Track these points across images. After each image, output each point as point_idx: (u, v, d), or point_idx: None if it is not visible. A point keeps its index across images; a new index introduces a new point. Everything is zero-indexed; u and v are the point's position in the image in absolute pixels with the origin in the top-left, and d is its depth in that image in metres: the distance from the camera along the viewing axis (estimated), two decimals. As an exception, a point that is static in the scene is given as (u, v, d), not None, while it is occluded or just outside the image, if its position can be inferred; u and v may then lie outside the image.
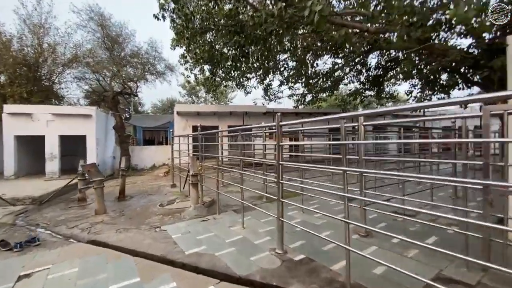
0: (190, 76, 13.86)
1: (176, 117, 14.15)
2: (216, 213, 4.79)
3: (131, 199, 6.90)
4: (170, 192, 7.36)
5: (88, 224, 4.71)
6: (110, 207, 5.93)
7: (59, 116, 11.36)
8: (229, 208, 5.22)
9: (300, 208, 4.78)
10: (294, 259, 2.87)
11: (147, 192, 7.75)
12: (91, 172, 5.16)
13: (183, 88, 34.41)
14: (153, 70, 16.06)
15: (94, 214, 5.27)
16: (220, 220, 4.46)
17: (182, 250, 3.23)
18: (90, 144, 11.85)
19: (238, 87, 14.49)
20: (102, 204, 5.32)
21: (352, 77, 13.89)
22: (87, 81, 17.01)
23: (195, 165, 4.98)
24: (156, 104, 37.16)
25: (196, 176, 4.93)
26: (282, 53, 11.49)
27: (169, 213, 4.95)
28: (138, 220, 4.82)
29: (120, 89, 14.92)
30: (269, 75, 13.23)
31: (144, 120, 22.36)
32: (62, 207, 6.36)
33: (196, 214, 4.73)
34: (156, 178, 11.20)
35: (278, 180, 2.93)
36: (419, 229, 3.60)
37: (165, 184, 8.96)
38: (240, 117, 15.00)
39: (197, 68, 13.06)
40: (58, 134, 11.43)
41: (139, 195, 7.29)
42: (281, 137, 2.89)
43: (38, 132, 11.19)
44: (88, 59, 14.84)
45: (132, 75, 14.82)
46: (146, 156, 15.28)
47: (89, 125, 11.82)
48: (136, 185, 9.28)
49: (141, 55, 15.34)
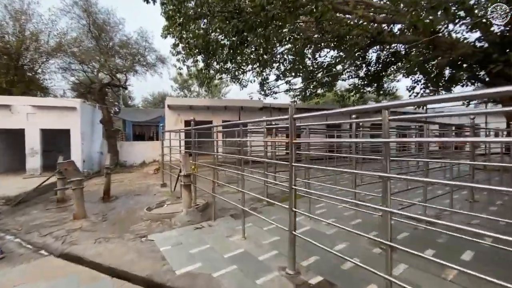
0: (182, 68, 13.15)
1: (167, 111, 13.42)
2: (211, 219, 4.24)
3: (116, 200, 6.28)
4: (160, 193, 6.75)
5: (64, 232, 4.09)
6: (92, 209, 5.30)
7: (40, 108, 10.52)
8: (226, 212, 4.67)
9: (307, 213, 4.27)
10: (310, 282, 2.35)
11: (134, 192, 7.12)
12: (68, 171, 4.52)
13: (175, 82, 33.44)
14: (143, 62, 15.23)
15: (73, 219, 4.64)
16: (216, 228, 3.91)
17: (172, 269, 2.67)
18: (74, 139, 11.06)
19: (233, 80, 13.85)
20: (82, 207, 4.69)
21: (351, 72, 13.44)
22: (73, 72, 16.04)
23: (187, 164, 4.40)
24: (147, 98, 36.04)
25: (189, 176, 4.36)
26: (281, 45, 10.88)
27: (158, 218, 4.37)
28: (122, 226, 4.23)
29: (108, 80, 14.07)
30: (266, 68, 12.63)
31: (134, 114, 21.44)
32: (40, 208, 5.69)
33: (188, 220, 4.17)
34: (145, 176, 10.53)
35: (290, 185, 2.39)
36: (449, 241, 3.14)
37: (155, 183, 8.33)
38: (235, 112, 14.38)
39: (190, 59, 12.36)
40: (39, 128, 10.60)
41: (126, 196, 6.66)
42: (295, 133, 2.34)
43: (17, 125, 10.34)
44: (73, 48, 13.93)
45: (120, 66, 13.95)
46: (135, 152, 14.54)
47: (74, 119, 11.02)
48: (123, 183, 8.61)
49: (131, 45, 14.49)
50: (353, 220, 4.03)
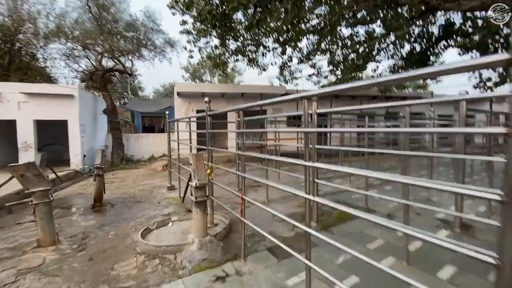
0: (193, 51, 11.58)
1: (176, 99, 11.88)
2: (239, 256, 2.66)
3: (109, 209, 4.82)
4: (165, 199, 5.25)
5: (10, 273, 2.63)
6: (71, 226, 3.87)
7: (33, 96, 9.21)
8: (257, 241, 3.07)
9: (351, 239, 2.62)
10: None
11: (135, 197, 5.66)
12: (26, 178, 3.03)
13: (186, 71, 32.01)
14: (150, 45, 13.67)
15: (37, 246, 3.19)
16: (250, 279, 2.32)
17: None
18: (72, 131, 9.75)
19: (251, 64, 12.13)
20: (49, 229, 3.22)
21: (390, 52, 11.36)
22: (76, 59, 14.72)
23: (201, 169, 2.81)
24: (158, 90, 34.91)
25: (204, 189, 2.77)
26: (311, 13, 8.86)
27: (157, 253, 2.83)
28: (100, 266, 2.71)
29: (111, 66, 12.64)
30: (289, 46, 10.77)
31: (143, 105, 20.16)
32: (8, 222, 4.33)
33: (203, 259, 2.60)
34: (152, 173, 9.12)
35: None
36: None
37: (161, 183, 6.87)
38: (254, 100, 12.64)
39: (201, 40, 10.74)
40: (33, 119, 9.33)
41: (123, 203, 5.20)
42: None
43: (7, 116, 9.09)
44: (75, 32, 12.53)
45: (124, 48, 12.44)
46: (143, 146, 13.20)
47: (71, 108, 9.68)
48: (125, 184, 7.21)
49: (136, 26, 12.93)
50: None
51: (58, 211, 4.86)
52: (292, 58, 12.10)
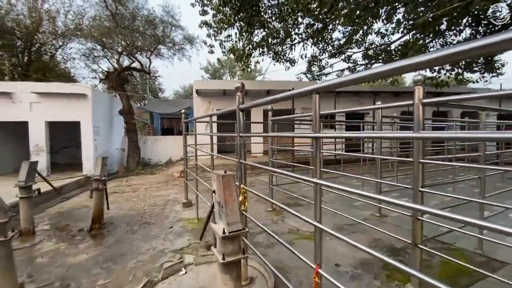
0: (213, 45, 10.66)
1: (195, 99, 10.89)
2: None
3: (108, 234, 3.76)
4: (179, 222, 4.11)
5: None
6: (51, 265, 2.82)
7: (45, 96, 8.58)
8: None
9: None
10: None
11: (143, 214, 4.59)
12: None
13: (206, 71, 31.45)
14: (168, 42, 12.84)
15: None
16: None
17: None
18: (85, 133, 9.03)
19: (277, 57, 10.90)
20: (7, 282, 2.15)
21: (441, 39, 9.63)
22: (95, 59, 14.27)
23: (232, 204, 1.58)
24: (178, 91, 34.67)
25: (238, 240, 1.55)
26: None
27: None
28: None
29: (128, 63, 11.94)
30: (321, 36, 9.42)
31: (162, 106, 19.57)
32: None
33: None
34: (168, 180, 8.13)
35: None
36: None
37: (176, 196, 5.79)
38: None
39: (222, 33, 9.72)
40: (45, 120, 8.70)
41: (127, 224, 4.14)
42: None
43: (19, 117, 8.52)
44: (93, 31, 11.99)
45: (141, 45, 11.67)
46: (161, 149, 12.38)
47: (84, 109, 8.95)
48: (136, 194, 6.22)
49: (154, 21, 12.15)
50: None
51: (49, 234, 3.90)
52: (324, 50, 10.75)
